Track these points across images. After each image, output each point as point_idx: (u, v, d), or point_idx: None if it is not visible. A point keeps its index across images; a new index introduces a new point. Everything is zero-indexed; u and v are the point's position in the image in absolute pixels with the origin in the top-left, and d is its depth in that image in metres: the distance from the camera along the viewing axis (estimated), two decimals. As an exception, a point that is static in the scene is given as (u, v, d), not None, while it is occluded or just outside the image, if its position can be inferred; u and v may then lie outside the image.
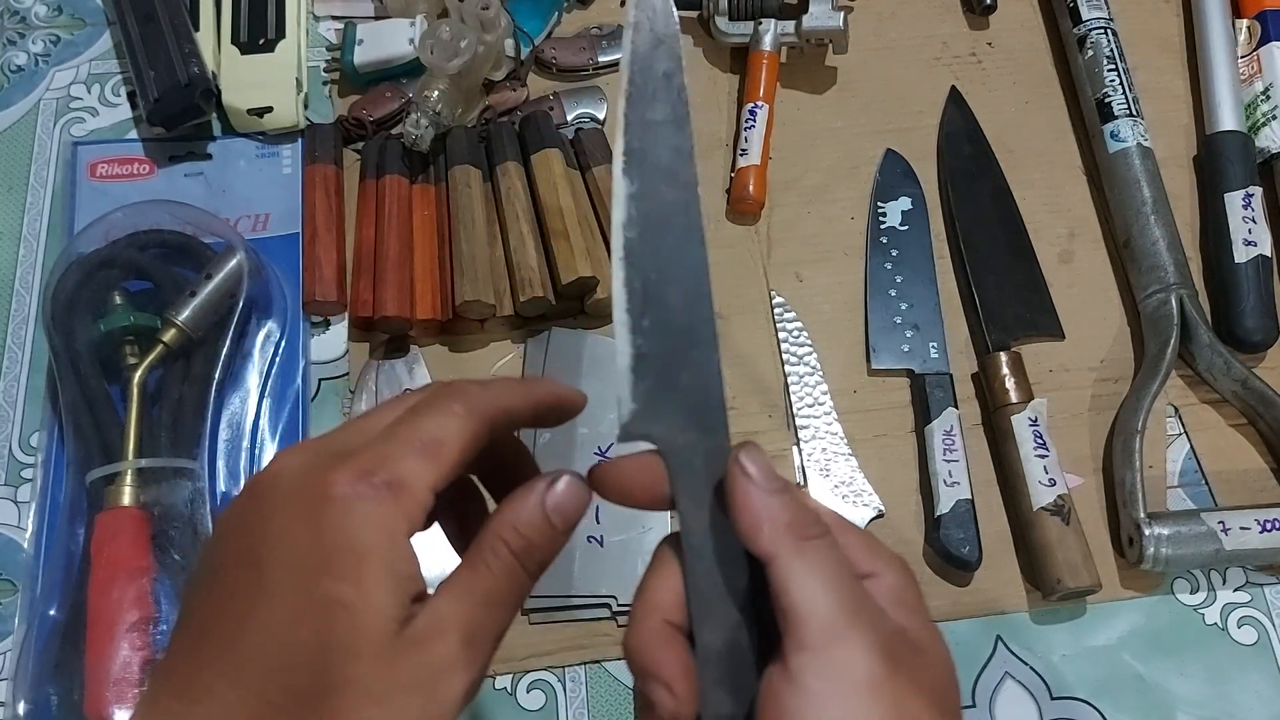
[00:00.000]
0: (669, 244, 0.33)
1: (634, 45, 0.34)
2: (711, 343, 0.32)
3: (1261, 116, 0.67)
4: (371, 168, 0.64)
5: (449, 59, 0.63)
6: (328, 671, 0.27)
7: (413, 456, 0.29)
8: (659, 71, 0.34)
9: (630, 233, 0.32)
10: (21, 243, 0.63)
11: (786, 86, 0.70)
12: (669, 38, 0.34)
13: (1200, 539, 0.55)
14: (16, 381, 0.60)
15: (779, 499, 0.30)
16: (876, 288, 0.64)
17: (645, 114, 0.33)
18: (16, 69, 0.69)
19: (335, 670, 0.27)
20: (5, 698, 0.52)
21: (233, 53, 0.66)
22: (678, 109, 0.34)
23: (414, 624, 0.28)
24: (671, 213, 0.33)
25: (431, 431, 0.30)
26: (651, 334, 0.32)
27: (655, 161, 0.33)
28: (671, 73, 0.34)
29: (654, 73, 0.34)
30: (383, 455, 0.29)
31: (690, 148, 0.34)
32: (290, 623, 0.27)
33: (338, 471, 0.29)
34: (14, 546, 0.56)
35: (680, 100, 0.34)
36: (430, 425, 0.30)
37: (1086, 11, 0.70)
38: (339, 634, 0.27)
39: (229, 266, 0.58)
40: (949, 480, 0.57)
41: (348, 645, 0.27)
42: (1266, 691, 0.55)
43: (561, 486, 0.31)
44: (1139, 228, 0.64)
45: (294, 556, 0.28)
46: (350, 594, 0.27)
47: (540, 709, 0.54)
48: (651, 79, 0.34)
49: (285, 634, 0.27)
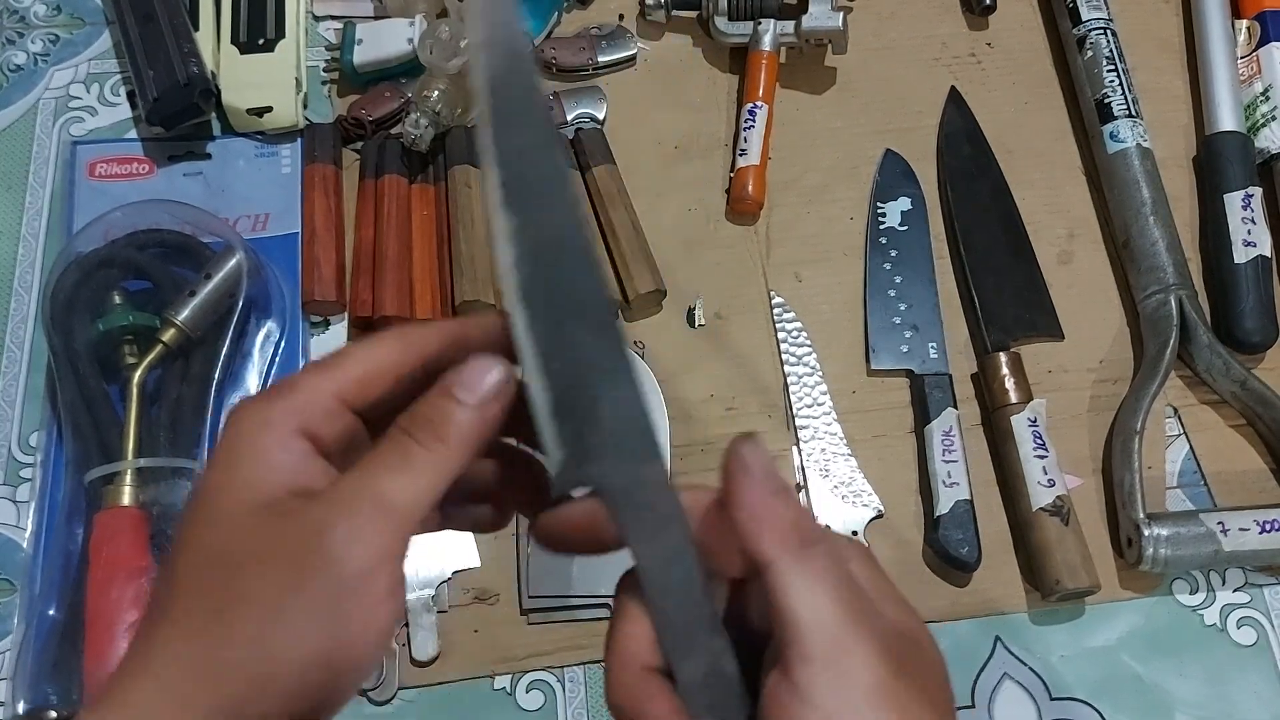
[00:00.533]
0: (565, 276, 0.30)
1: (488, 68, 0.31)
2: (626, 369, 0.30)
3: (1261, 117, 0.67)
4: (371, 167, 0.64)
5: (448, 59, 0.63)
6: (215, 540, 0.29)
7: (311, 370, 0.30)
8: (519, 91, 0.31)
9: (524, 270, 0.30)
10: (20, 242, 0.63)
11: (786, 87, 0.70)
12: (523, 52, 0.32)
13: (1199, 540, 0.55)
14: (15, 381, 0.60)
15: (781, 500, 0.29)
16: (876, 288, 0.64)
17: (515, 140, 0.31)
18: (15, 68, 0.69)
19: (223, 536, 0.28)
20: (4, 697, 0.52)
21: (232, 52, 0.66)
22: (546, 127, 0.32)
23: (312, 485, 0.29)
24: (561, 241, 0.31)
25: (340, 351, 0.31)
26: (563, 375, 0.30)
27: (533, 190, 0.31)
28: (532, 89, 0.32)
29: (515, 93, 0.31)
30: (286, 378, 0.31)
31: (564, 165, 0.32)
32: (190, 524, 0.29)
33: (246, 397, 0.31)
34: (13, 546, 0.56)
35: (548, 117, 0.32)
36: (341, 348, 0.31)
37: (1086, 12, 0.70)
38: (221, 507, 0.29)
39: (228, 266, 0.58)
40: (948, 481, 0.57)
41: (227, 511, 0.28)
42: (1265, 692, 0.55)
43: (470, 370, 0.30)
44: (1138, 228, 0.64)
45: (205, 471, 0.30)
46: (221, 477, 0.29)
47: (539, 709, 0.54)
48: (514, 101, 0.31)
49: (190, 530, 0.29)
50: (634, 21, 0.72)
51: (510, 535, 0.57)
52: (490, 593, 0.56)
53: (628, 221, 0.63)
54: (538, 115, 0.31)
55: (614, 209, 0.63)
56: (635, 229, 0.63)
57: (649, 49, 0.71)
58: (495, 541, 0.57)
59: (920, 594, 0.57)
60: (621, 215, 0.63)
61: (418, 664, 0.54)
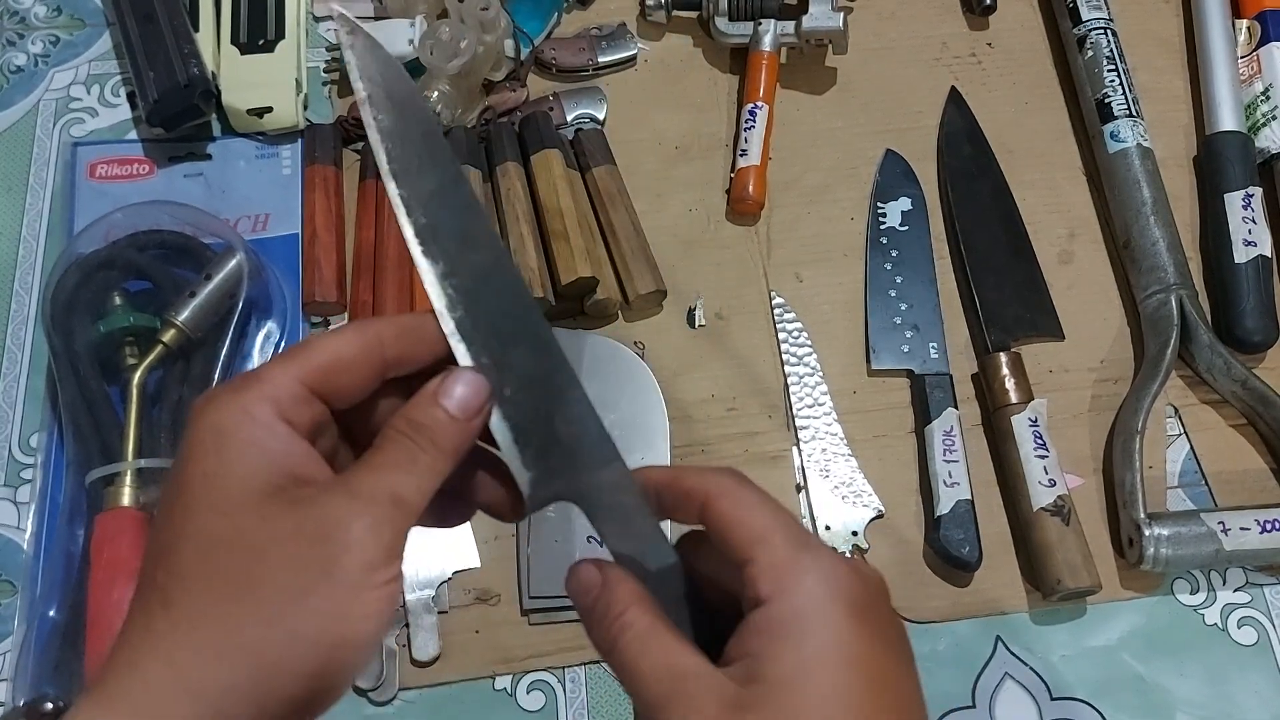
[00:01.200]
0: (497, 307, 0.32)
1: (377, 121, 0.32)
2: (573, 382, 0.32)
3: (1261, 117, 0.67)
4: (371, 168, 0.64)
5: (448, 59, 0.63)
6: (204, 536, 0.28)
7: (278, 361, 0.31)
8: (415, 137, 0.32)
9: (457, 313, 0.32)
10: (21, 243, 0.63)
11: (786, 87, 0.70)
12: (408, 96, 0.33)
13: (1200, 539, 0.55)
14: (16, 382, 0.60)
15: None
16: (876, 288, 0.64)
17: (419, 187, 0.32)
18: (16, 69, 0.69)
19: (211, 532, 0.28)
20: (5, 698, 0.52)
21: (232, 53, 0.66)
22: (448, 168, 0.33)
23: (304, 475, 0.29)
24: (487, 276, 0.32)
25: (305, 342, 0.31)
26: (516, 402, 0.32)
27: (450, 232, 0.32)
28: (428, 132, 0.33)
29: (411, 140, 0.32)
30: (253, 369, 0.31)
31: (473, 198, 0.33)
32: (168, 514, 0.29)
33: (213, 390, 0.31)
34: (14, 547, 0.56)
35: (447, 157, 0.33)
36: (307, 339, 0.32)
37: (1086, 12, 0.70)
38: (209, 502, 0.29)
39: (229, 267, 0.58)
40: (949, 481, 0.57)
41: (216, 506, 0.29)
42: (1266, 692, 0.55)
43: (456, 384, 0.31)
44: (1139, 228, 0.64)
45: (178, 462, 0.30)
46: (210, 465, 0.29)
47: (540, 709, 0.54)
48: (410, 148, 0.32)
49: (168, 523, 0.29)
50: (634, 22, 0.72)
51: (510, 536, 0.57)
52: (491, 593, 0.56)
53: (628, 222, 0.63)
54: (436, 157, 0.32)
55: (614, 209, 0.63)
56: (636, 229, 0.63)
57: (649, 49, 0.71)
58: (496, 542, 0.57)
59: (921, 594, 0.57)
60: (622, 215, 0.63)
61: (418, 664, 0.54)
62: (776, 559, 0.30)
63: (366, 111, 0.32)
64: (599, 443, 0.33)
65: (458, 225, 0.32)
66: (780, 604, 0.29)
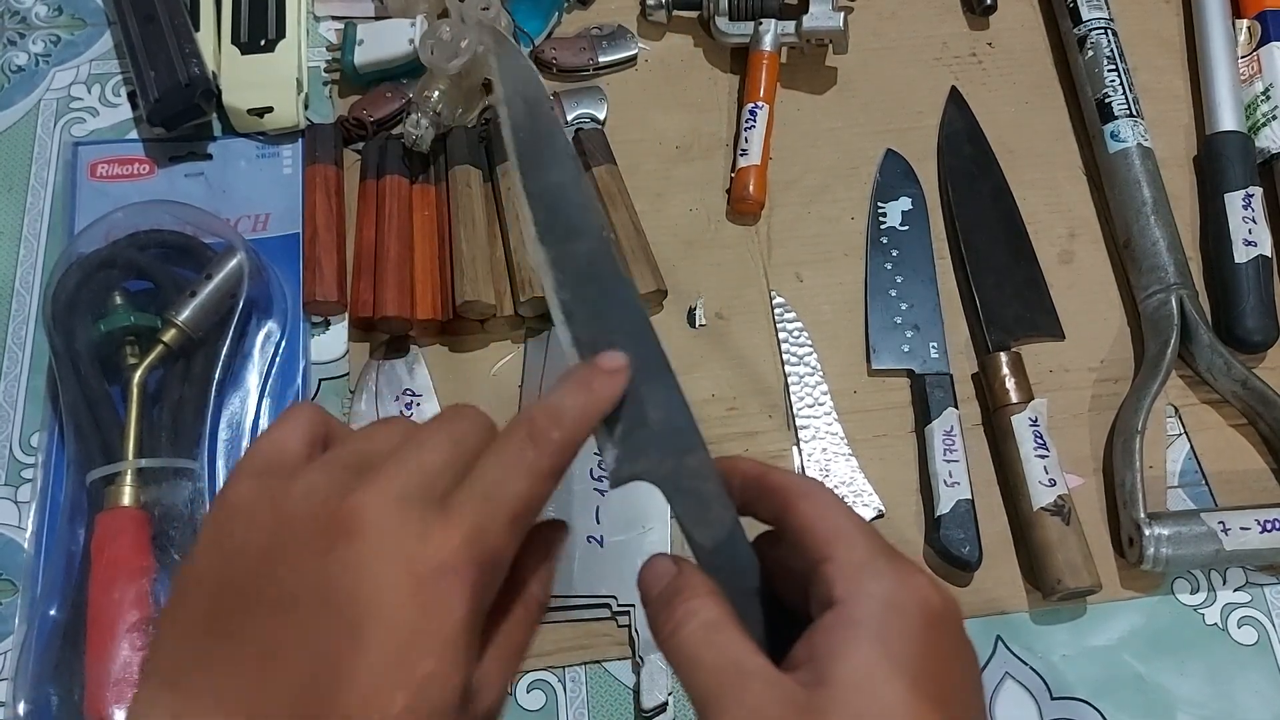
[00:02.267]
0: (599, 291, 0.34)
1: (512, 120, 0.35)
2: (665, 371, 0.33)
3: (1261, 116, 0.67)
4: (372, 168, 0.64)
5: (449, 59, 0.63)
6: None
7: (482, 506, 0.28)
8: (543, 135, 0.35)
9: (564, 295, 0.33)
10: (22, 243, 0.63)
11: (786, 87, 0.70)
12: (539, 99, 0.36)
13: (1200, 539, 0.55)
14: (17, 382, 0.60)
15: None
16: (876, 288, 0.64)
17: (544, 181, 0.34)
18: (17, 69, 0.69)
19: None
20: (5, 698, 0.52)
21: (233, 53, 0.66)
22: (571, 166, 0.35)
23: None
24: (592, 263, 0.34)
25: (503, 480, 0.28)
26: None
27: (566, 223, 0.34)
28: (554, 133, 0.35)
29: (539, 138, 0.35)
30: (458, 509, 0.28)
31: (588, 194, 0.36)
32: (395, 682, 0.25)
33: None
34: (14, 546, 0.56)
35: (570, 156, 0.35)
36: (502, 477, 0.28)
37: (1086, 11, 0.70)
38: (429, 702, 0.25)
39: (229, 267, 0.58)
40: (949, 480, 0.57)
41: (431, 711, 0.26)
42: (1267, 691, 0.55)
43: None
44: (1139, 228, 0.64)
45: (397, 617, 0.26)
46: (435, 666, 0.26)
47: (540, 709, 0.54)
48: (538, 145, 0.35)
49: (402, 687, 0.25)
50: (635, 21, 0.72)
51: (511, 535, 0.57)
52: (491, 593, 0.56)
53: (628, 221, 0.63)
54: (560, 156, 0.35)
55: (614, 209, 0.63)
56: (636, 229, 0.63)
57: (649, 49, 0.71)
58: (496, 541, 0.57)
59: (921, 594, 0.57)
60: (622, 215, 0.63)
61: (419, 664, 0.54)
62: (855, 557, 0.29)
63: (503, 109, 0.35)
64: (685, 429, 0.33)
65: (571, 217, 0.34)
66: (855, 605, 0.28)
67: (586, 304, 0.33)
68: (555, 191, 0.34)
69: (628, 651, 0.55)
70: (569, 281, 0.33)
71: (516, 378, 0.61)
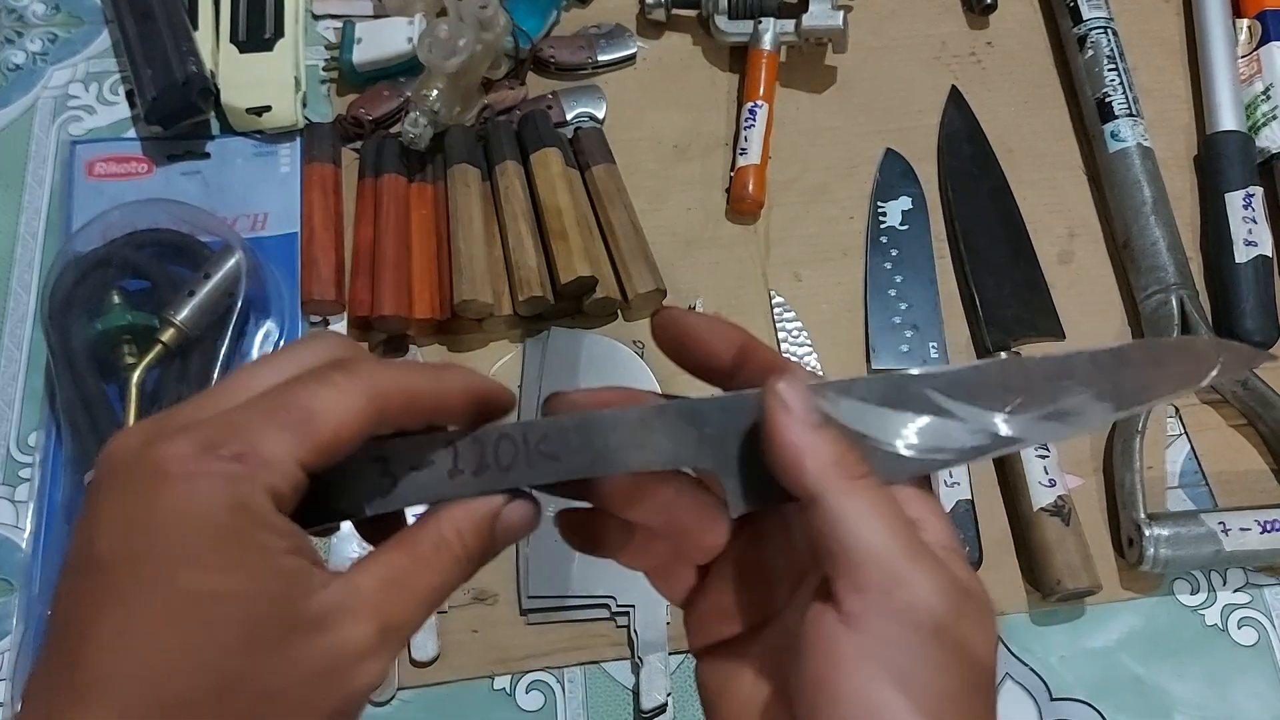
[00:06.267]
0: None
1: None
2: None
3: (1261, 116, 0.67)
4: (370, 167, 0.64)
5: (447, 58, 0.62)
6: (210, 672, 0.24)
7: (274, 427, 0.25)
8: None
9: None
10: (19, 242, 0.63)
11: (786, 86, 0.70)
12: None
13: (1200, 540, 0.55)
14: (14, 381, 0.60)
15: (822, 434, 0.28)
16: (876, 288, 0.64)
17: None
18: (14, 67, 0.68)
19: (218, 670, 0.24)
20: (4, 697, 0.52)
21: (231, 51, 0.66)
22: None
23: (320, 601, 0.25)
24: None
25: (302, 400, 0.26)
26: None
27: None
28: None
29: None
30: (233, 425, 0.25)
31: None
32: (153, 627, 0.24)
33: (175, 445, 0.25)
34: (12, 546, 0.56)
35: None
36: (302, 394, 0.26)
37: (1086, 11, 0.69)
38: (214, 631, 0.24)
39: (227, 266, 0.58)
40: (949, 480, 0.57)
41: (225, 642, 0.24)
42: (1266, 693, 0.55)
43: (519, 506, 0.29)
44: (1139, 228, 0.64)
45: (138, 549, 0.24)
46: (218, 582, 0.24)
47: (539, 710, 0.54)
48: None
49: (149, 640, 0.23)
50: (634, 20, 0.72)
51: (510, 535, 0.57)
52: (489, 593, 0.56)
53: (627, 221, 0.63)
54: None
55: (613, 208, 0.63)
56: (635, 228, 0.63)
57: (648, 48, 0.71)
58: (494, 542, 0.57)
59: (920, 594, 0.57)
60: (621, 215, 0.63)
61: (417, 664, 0.54)
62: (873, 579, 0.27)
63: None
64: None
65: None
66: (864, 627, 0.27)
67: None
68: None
69: (626, 652, 0.55)
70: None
71: (515, 377, 0.61)
